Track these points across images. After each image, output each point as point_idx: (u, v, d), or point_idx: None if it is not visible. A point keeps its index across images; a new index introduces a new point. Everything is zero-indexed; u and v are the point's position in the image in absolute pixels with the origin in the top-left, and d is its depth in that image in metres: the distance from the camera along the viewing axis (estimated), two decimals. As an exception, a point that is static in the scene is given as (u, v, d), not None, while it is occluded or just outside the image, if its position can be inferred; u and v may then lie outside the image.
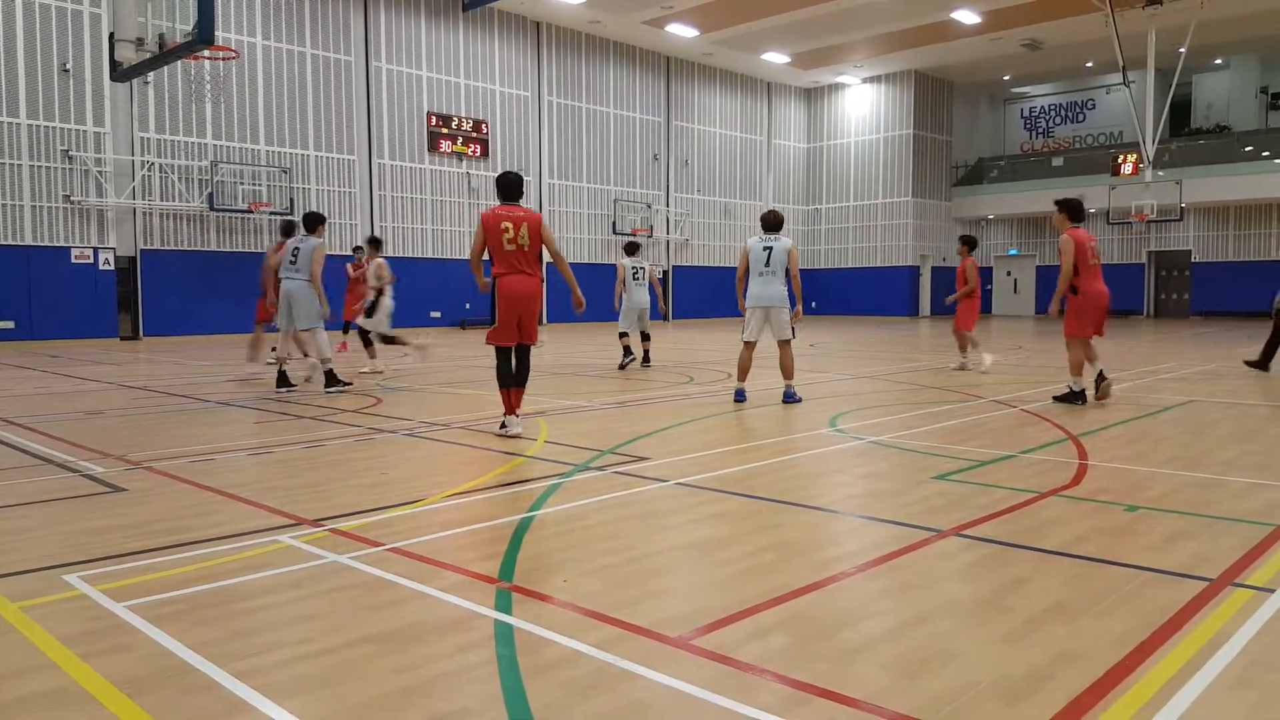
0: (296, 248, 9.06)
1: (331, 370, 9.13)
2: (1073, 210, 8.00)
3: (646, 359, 12.09)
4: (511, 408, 6.48)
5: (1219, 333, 20.95)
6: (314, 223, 9.29)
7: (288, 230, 10.33)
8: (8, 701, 2.36)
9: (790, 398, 8.34)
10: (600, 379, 10.74)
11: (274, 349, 10.66)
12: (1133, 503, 4.44)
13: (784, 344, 8.41)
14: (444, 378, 10.92)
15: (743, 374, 8.43)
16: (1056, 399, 8.15)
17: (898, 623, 2.87)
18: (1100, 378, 7.99)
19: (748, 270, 8.37)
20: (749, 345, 8.47)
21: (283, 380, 9.06)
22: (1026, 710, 2.26)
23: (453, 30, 24.01)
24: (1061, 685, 2.40)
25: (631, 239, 17.89)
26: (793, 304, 8.34)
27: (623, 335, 11.96)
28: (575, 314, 8.66)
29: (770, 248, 8.23)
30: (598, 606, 3.01)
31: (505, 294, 6.26)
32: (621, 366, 11.69)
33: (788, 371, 8.44)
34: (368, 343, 11.55)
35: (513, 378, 6.47)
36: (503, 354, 6.42)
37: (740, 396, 8.33)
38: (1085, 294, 7.85)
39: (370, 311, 11.51)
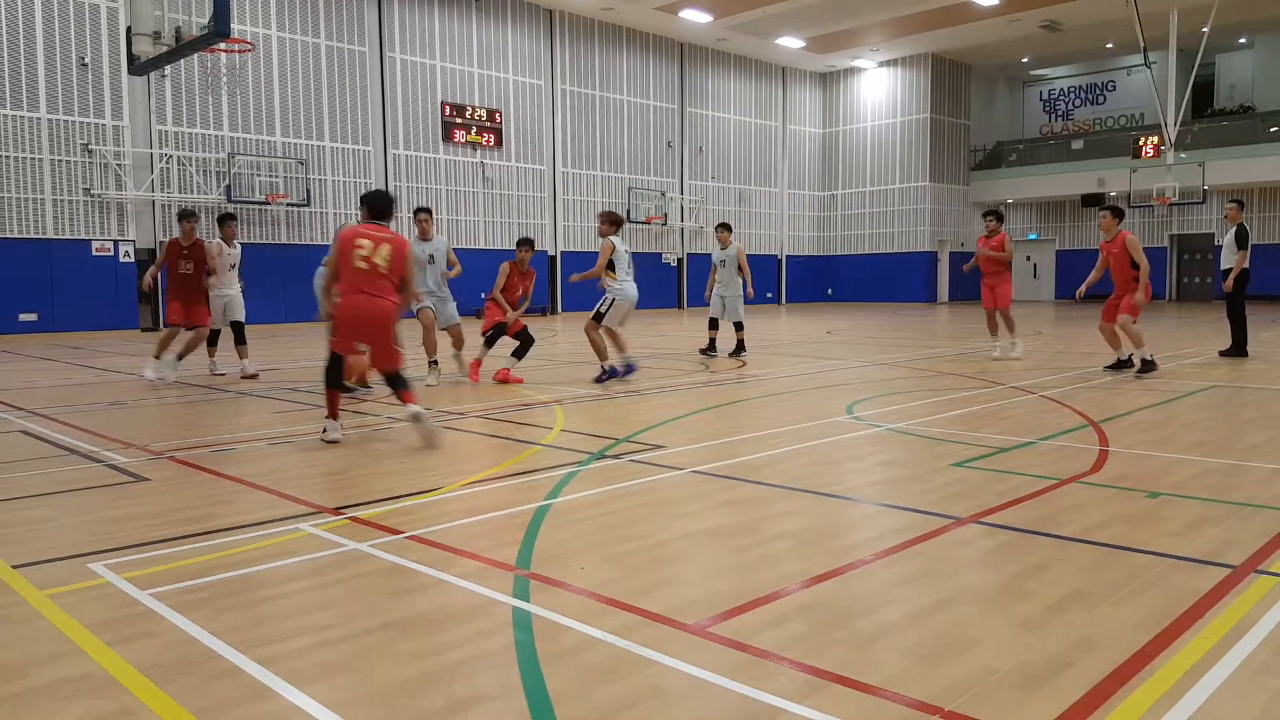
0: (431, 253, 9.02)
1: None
2: (1120, 214, 9.44)
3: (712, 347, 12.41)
4: (334, 411, 5.97)
5: (1242, 317, 20.64)
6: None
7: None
8: (37, 687, 2.40)
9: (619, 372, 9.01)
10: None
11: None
12: (1154, 489, 4.40)
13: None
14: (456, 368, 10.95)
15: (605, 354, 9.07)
16: (1139, 374, 8.87)
17: (916, 609, 2.86)
18: (1127, 363, 9.26)
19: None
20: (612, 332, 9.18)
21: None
22: (1046, 697, 2.25)
23: (466, 20, 23.98)
24: (1081, 672, 2.38)
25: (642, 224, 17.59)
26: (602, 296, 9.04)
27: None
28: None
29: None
30: (614, 593, 3.02)
31: (343, 315, 5.72)
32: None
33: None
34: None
35: (338, 381, 6.00)
36: (336, 357, 5.93)
37: (614, 374, 8.98)
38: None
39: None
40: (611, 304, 8.96)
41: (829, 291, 34.18)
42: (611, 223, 9.04)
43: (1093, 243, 33.40)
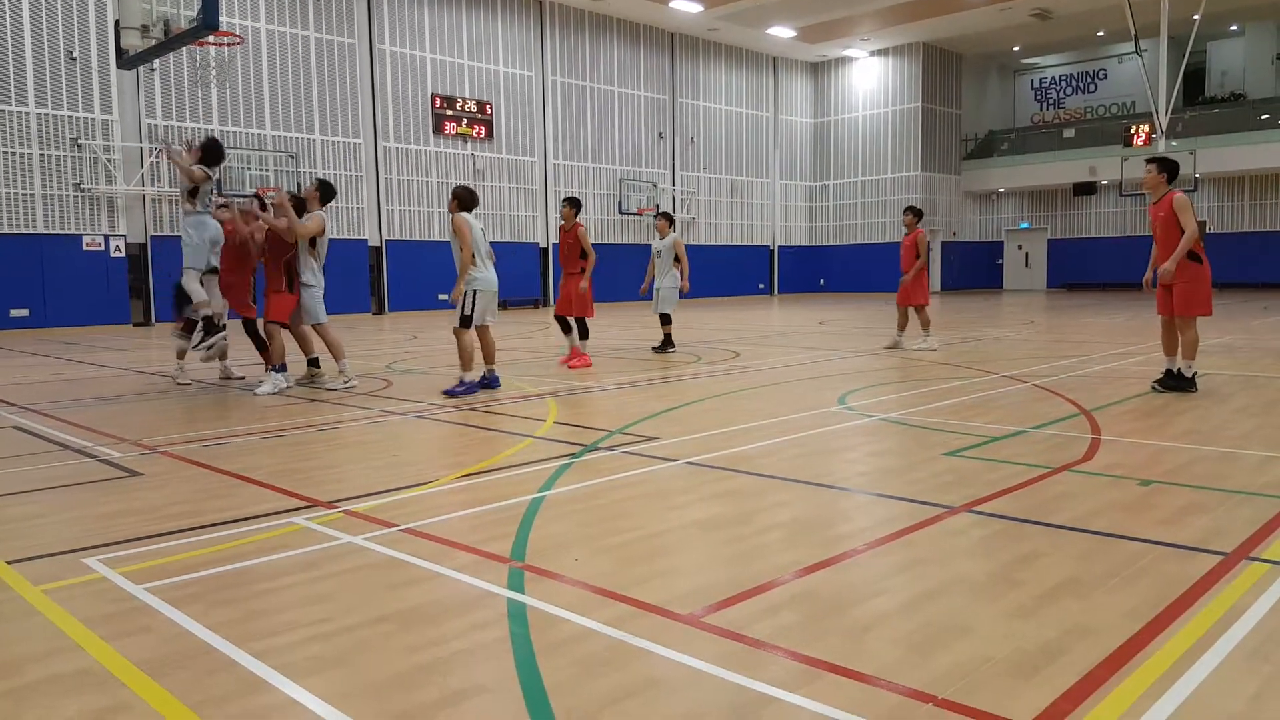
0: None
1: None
2: (1172, 170, 7.06)
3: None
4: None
5: (1234, 304, 20.77)
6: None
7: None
8: (34, 682, 2.40)
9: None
10: (608, 359, 10.74)
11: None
12: (1146, 477, 4.43)
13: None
14: (453, 359, 10.94)
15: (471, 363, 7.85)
16: (1166, 386, 7.17)
17: (909, 598, 2.88)
18: (1177, 377, 7.23)
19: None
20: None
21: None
22: (1039, 685, 2.27)
23: (456, 11, 23.85)
24: (1074, 660, 2.41)
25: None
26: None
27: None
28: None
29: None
30: (609, 585, 3.03)
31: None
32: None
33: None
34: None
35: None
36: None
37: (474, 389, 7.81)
38: (1206, 262, 6.93)
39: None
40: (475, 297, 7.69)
41: (821, 282, 34.21)
42: (464, 200, 7.79)
43: (1084, 231, 33.53)
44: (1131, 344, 11.34)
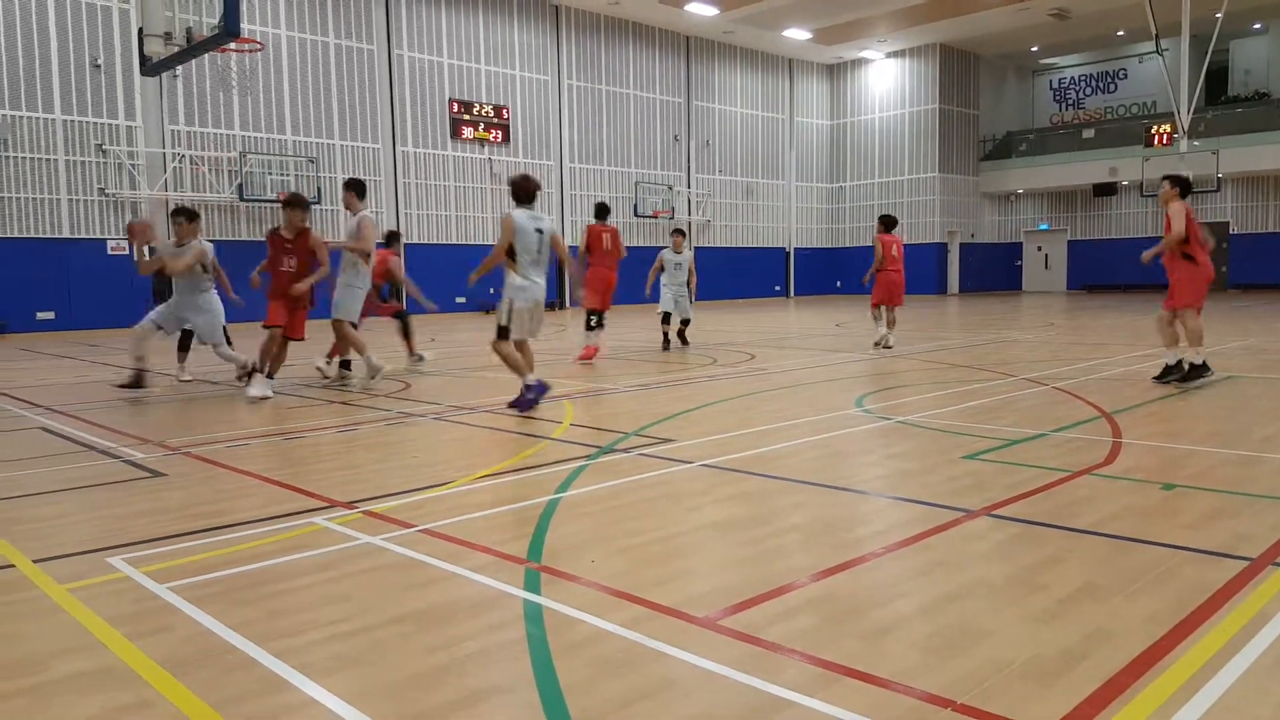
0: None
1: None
2: (1184, 185, 7.73)
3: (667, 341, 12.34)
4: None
5: (1258, 306, 20.50)
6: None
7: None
8: (57, 679, 2.43)
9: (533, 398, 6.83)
10: (625, 361, 10.75)
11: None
12: (1169, 480, 4.38)
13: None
14: (470, 362, 11.00)
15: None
16: (1177, 381, 7.52)
17: (927, 602, 2.86)
18: (1175, 368, 7.66)
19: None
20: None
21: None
22: (1059, 691, 2.25)
23: (473, 16, 23.98)
24: (1095, 665, 2.38)
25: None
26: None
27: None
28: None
29: (541, 230, 6.78)
30: (625, 586, 3.04)
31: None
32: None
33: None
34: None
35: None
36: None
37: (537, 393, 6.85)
38: (1202, 264, 7.59)
39: None
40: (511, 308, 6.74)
41: (838, 284, 34.05)
42: (516, 191, 6.82)
43: (1104, 232, 33.22)
44: (1153, 346, 11.21)
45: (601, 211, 11.27)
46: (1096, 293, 31.44)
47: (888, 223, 12.03)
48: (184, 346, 9.51)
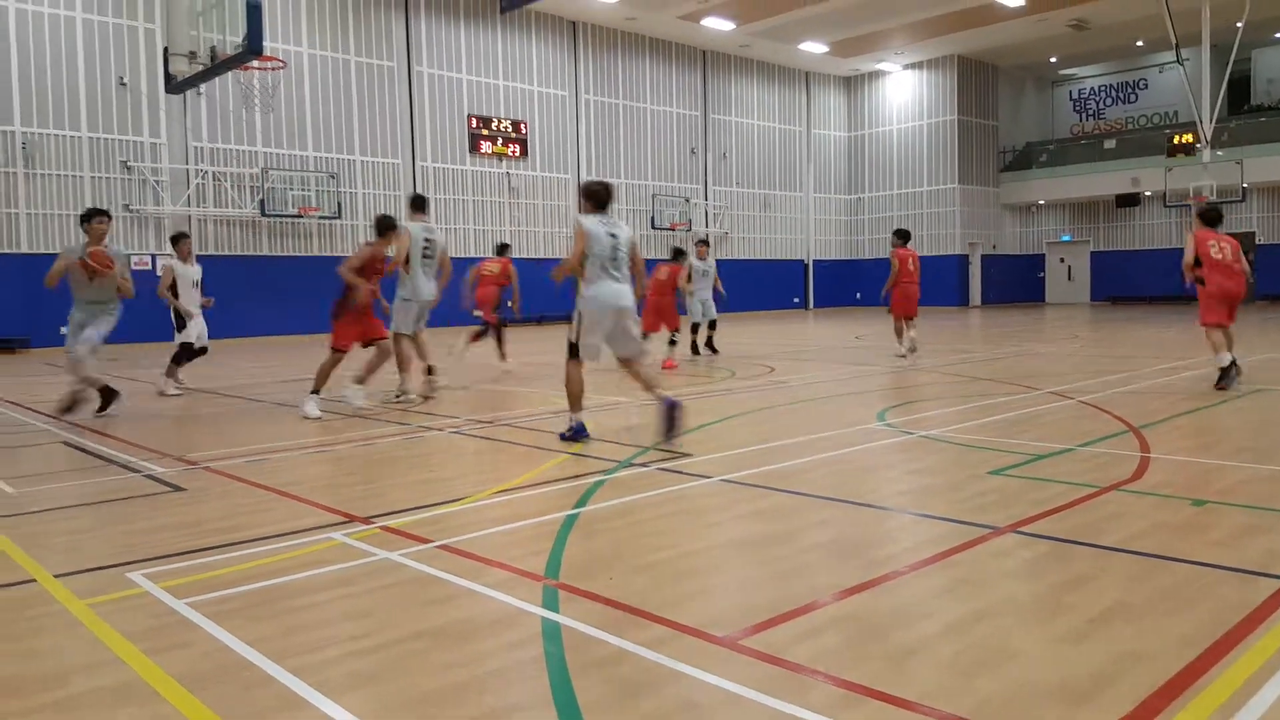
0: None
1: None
2: (1203, 217, 8.67)
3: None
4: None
5: (1285, 318, 20.18)
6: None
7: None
8: (77, 694, 2.43)
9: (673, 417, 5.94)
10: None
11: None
12: (1199, 496, 4.29)
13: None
14: (489, 375, 11.01)
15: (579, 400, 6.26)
16: (1216, 386, 8.05)
17: (953, 621, 2.81)
18: (1231, 367, 8.09)
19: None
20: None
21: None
22: (1090, 713, 2.19)
23: (491, 33, 24.19)
24: (1127, 687, 2.32)
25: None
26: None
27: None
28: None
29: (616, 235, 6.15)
30: (644, 604, 3.00)
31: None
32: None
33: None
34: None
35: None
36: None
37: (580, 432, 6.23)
38: (1211, 284, 8.31)
39: None
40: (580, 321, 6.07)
41: (857, 296, 33.87)
42: (588, 196, 6.25)
43: (1128, 243, 32.89)
44: (1181, 358, 11.05)
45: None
46: (1121, 304, 31.09)
47: (904, 236, 12.33)
48: (179, 360, 9.90)
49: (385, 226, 8.26)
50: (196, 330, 10.20)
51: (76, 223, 17.94)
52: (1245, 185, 26.45)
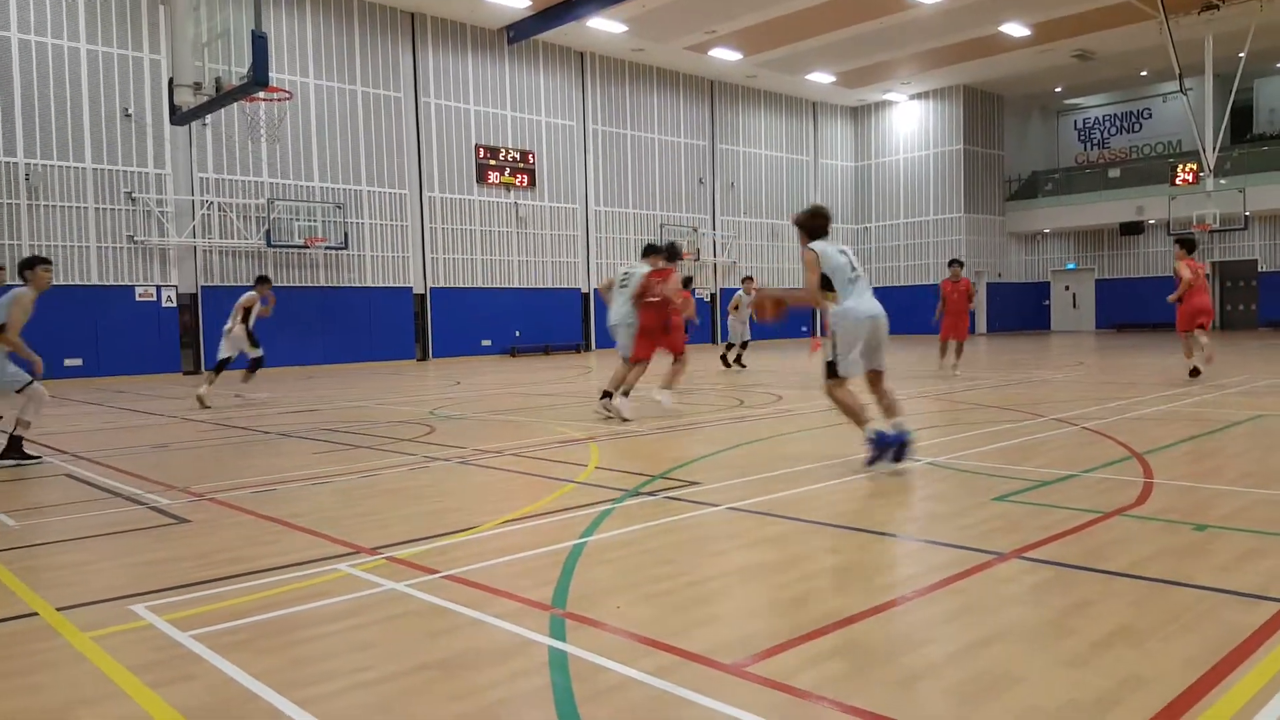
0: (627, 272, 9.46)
1: None
2: (1191, 247, 11.93)
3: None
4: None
5: (1292, 343, 20.11)
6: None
7: None
8: (81, 728, 2.43)
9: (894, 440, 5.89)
10: (653, 403, 10.72)
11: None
12: (1202, 521, 4.27)
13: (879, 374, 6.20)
14: (496, 405, 11.04)
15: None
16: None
17: (959, 647, 2.80)
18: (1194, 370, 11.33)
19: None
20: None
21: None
22: (1097, 740, 2.18)
23: (498, 64, 24.50)
24: (1130, 711, 2.31)
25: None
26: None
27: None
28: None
29: (845, 250, 6.30)
30: (651, 633, 3.00)
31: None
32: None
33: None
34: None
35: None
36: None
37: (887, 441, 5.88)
38: (1185, 301, 11.71)
39: None
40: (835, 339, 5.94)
41: (863, 324, 33.87)
42: (812, 230, 6.23)
43: (1132, 271, 32.93)
44: (1185, 385, 11.03)
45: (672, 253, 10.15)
46: (1126, 331, 31.05)
47: (956, 265, 14.93)
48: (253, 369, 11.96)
49: (673, 254, 9.94)
50: (235, 349, 12.06)
51: (82, 254, 17.86)
52: (1247, 213, 26.53)
